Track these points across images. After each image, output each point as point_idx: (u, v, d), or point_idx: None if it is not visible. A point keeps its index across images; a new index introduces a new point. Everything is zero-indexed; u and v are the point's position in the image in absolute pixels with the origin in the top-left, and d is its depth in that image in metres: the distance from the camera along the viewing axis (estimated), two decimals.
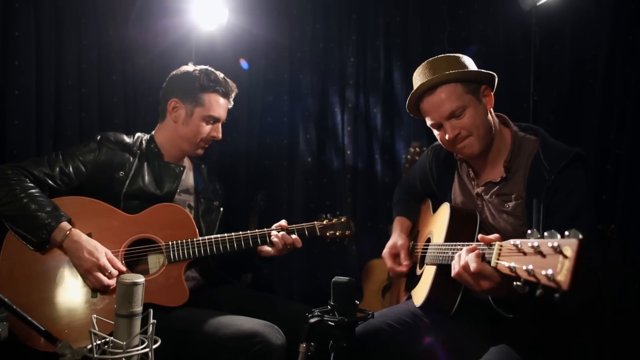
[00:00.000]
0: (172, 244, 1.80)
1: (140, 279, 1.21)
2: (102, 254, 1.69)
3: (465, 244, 1.37)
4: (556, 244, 0.94)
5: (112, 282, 1.68)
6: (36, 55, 2.32)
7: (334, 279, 1.35)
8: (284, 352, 1.63)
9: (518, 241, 1.08)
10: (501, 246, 1.17)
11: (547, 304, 0.97)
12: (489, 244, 1.22)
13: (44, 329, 1.23)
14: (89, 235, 1.72)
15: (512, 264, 1.06)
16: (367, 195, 2.92)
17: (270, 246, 1.93)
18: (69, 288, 1.68)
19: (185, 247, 1.81)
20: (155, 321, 1.22)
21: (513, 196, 1.56)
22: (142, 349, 1.20)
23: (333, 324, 1.30)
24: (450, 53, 1.65)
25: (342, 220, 2.06)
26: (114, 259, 1.71)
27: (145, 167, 1.94)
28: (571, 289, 0.90)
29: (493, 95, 1.62)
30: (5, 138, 2.28)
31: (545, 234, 0.99)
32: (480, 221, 1.59)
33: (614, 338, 2.39)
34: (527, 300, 1.08)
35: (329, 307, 1.34)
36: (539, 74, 2.52)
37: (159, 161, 1.97)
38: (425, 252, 1.71)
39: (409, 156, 2.64)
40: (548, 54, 2.71)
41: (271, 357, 1.59)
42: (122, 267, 1.72)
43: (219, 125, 2.03)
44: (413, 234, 2.00)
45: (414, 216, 2.03)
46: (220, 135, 2.03)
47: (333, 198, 2.90)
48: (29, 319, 1.23)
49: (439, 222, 1.72)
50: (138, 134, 2.02)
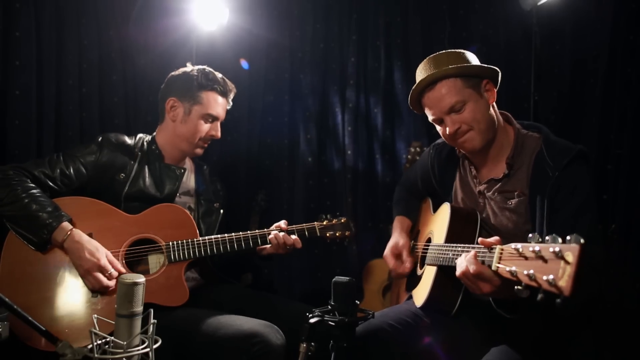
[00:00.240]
0: (173, 244, 1.80)
1: (141, 278, 1.21)
2: (103, 254, 1.69)
3: (466, 246, 1.37)
4: (557, 249, 0.93)
5: (111, 284, 1.68)
6: (37, 56, 2.32)
7: (334, 279, 1.35)
8: (284, 352, 1.63)
9: (519, 245, 1.07)
10: (502, 250, 1.16)
11: (548, 307, 0.97)
12: (490, 248, 1.22)
13: (44, 328, 1.23)
14: (90, 236, 1.73)
15: (513, 268, 1.06)
16: (368, 195, 2.92)
17: (269, 246, 1.93)
18: (70, 288, 1.68)
19: (185, 247, 1.81)
20: (155, 321, 1.23)
21: (516, 193, 1.56)
22: (142, 348, 1.20)
23: (333, 324, 1.30)
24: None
25: (342, 220, 2.05)
26: (114, 261, 1.71)
27: (146, 169, 1.94)
28: (572, 295, 0.90)
29: (496, 90, 1.62)
30: (6, 138, 2.28)
31: (547, 238, 0.98)
32: (481, 220, 1.59)
33: (614, 338, 2.38)
34: (527, 302, 1.08)
35: (329, 307, 1.34)
36: (539, 74, 2.52)
37: (160, 163, 1.97)
38: (426, 253, 1.71)
39: (409, 156, 2.64)
40: (549, 53, 2.71)
41: (271, 357, 1.59)
42: (122, 269, 1.72)
43: (218, 124, 2.02)
44: (413, 234, 2.00)
45: (414, 215, 2.03)
46: (219, 134, 2.02)
47: (333, 198, 2.90)
48: (30, 318, 1.23)
49: (439, 222, 1.72)
50: (140, 135, 2.02)
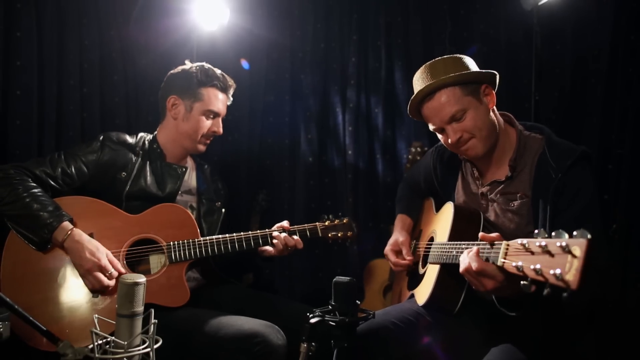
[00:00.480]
0: (174, 244, 1.80)
1: (142, 278, 1.21)
2: (104, 254, 1.69)
3: (469, 243, 1.37)
4: (564, 243, 0.94)
5: (112, 283, 1.68)
6: (38, 56, 2.32)
7: (335, 279, 1.35)
8: (285, 352, 1.63)
9: (525, 240, 1.08)
10: (508, 245, 1.17)
11: (552, 303, 0.97)
12: (492, 243, 1.22)
13: (45, 328, 1.23)
14: (91, 235, 1.73)
15: (520, 263, 1.06)
16: (369, 195, 2.92)
17: (271, 247, 1.93)
18: (71, 288, 1.68)
19: (186, 247, 1.81)
20: (156, 321, 1.23)
21: (518, 195, 1.56)
22: (143, 348, 1.20)
23: (334, 324, 1.30)
24: (452, 53, 1.64)
25: (344, 221, 2.05)
26: (114, 260, 1.71)
27: (148, 167, 1.94)
28: (579, 289, 0.90)
29: (495, 93, 1.62)
30: (7, 138, 2.28)
31: (553, 233, 0.99)
32: (484, 221, 1.59)
33: (616, 338, 2.38)
34: (531, 299, 1.08)
35: (330, 307, 1.33)
36: (540, 74, 2.52)
37: (162, 162, 1.97)
38: (429, 251, 1.71)
39: (410, 156, 2.64)
40: (549, 53, 2.71)
41: (272, 357, 1.59)
42: (122, 269, 1.72)
43: (219, 120, 2.02)
44: (415, 233, 2.00)
45: (416, 214, 2.04)
46: (221, 130, 2.03)
47: (334, 198, 2.90)
48: (31, 318, 1.23)
49: (442, 221, 1.72)
50: (141, 134, 2.02)
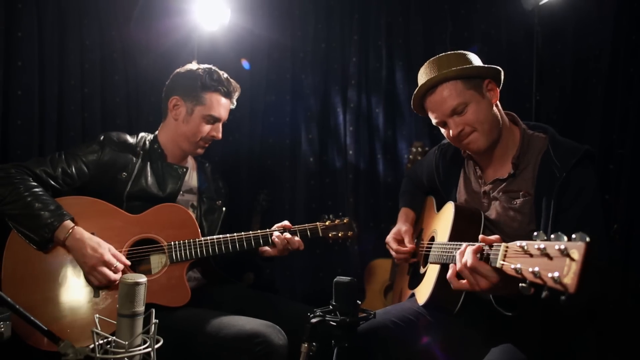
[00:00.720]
0: (175, 244, 1.80)
1: (143, 278, 1.21)
2: (106, 249, 1.69)
3: (469, 243, 1.37)
4: (563, 246, 0.94)
5: (118, 277, 1.67)
6: (39, 56, 2.32)
7: (335, 279, 1.35)
8: (286, 353, 1.63)
9: (524, 243, 1.07)
10: (507, 247, 1.16)
11: (549, 306, 0.97)
12: (490, 245, 1.22)
13: (46, 328, 1.23)
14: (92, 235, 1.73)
15: (518, 266, 1.06)
16: (369, 195, 2.92)
17: (272, 247, 1.93)
18: (72, 288, 1.69)
19: (187, 247, 1.81)
20: (157, 321, 1.23)
21: (521, 193, 1.56)
22: (144, 348, 1.20)
23: (335, 324, 1.30)
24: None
25: (345, 221, 2.05)
26: (118, 254, 1.71)
27: (148, 167, 1.94)
28: (577, 292, 0.90)
29: (498, 89, 1.62)
30: (8, 138, 2.28)
31: (552, 236, 0.99)
32: (485, 220, 1.59)
33: (616, 338, 2.38)
34: (527, 299, 1.08)
35: (330, 307, 1.33)
36: (541, 74, 2.52)
37: (162, 162, 1.97)
38: (429, 251, 1.71)
39: (411, 156, 2.64)
40: (550, 53, 2.70)
41: (273, 357, 1.59)
42: (127, 262, 1.72)
43: (219, 125, 2.02)
44: (416, 232, 2.00)
45: (419, 208, 2.05)
46: (220, 135, 2.02)
47: (335, 198, 2.90)
48: (32, 318, 1.23)
49: (443, 220, 1.72)
50: (142, 134, 2.02)
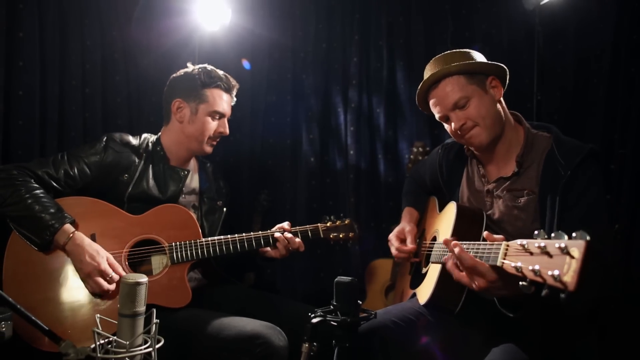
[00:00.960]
0: (176, 245, 1.80)
1: (144, 278, 1.21)
2: (104, 258, 1.68)
3: (471, 243, 1.37)
4: (563, 244, 0.94)
5: (112, 287, 1.67)
6: (40, 56, 2.32)
7: (336, 279, 1.35)
8: (287, 354, 1.63)
9: (525, 241, 1.08)
10: (507, 246, 1.16)
11: (552, 304, 0.97)
12: (492, 243, 1.22)
13: (47, 328, 1.23)
14: (93, 236, 1.73)
15: (519, 264, 1.06)
16: (370, 195, 2.92)
17: (273, 248, 1.93)
18: (73, 288, 1.69)
19: (188, 248, 1.81)
20: (158, 321, 1.23)
21: (525, 192, 1.56)
22: (145, 348, 1.20)
23: (335, 324, 1.30)
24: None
25: (346, 222, 2.05)
26: (115, 264, 1.71)
27: (150, 170, 1.94)
28: (577, 290, 0.90)
29: (502, 87, 1.62)
30: (10, 138, 2.28)
31: (553, 234, 0.99)
32: (488, 219, 1.59)
33: (618, 338, 2.37)
34: (531, 300, 1.08)
35: (331, 307, 1.33)
36: (542, 74, 2.51)
37: (165, 165, 1.97)
38: (431, 251, 1.72)
39: (412, 156, 2.64)
40: (551, 53, 2.70)
41: (273, 358, 1.59)
42: (123, 272, 1.72)
43: (225, 120, 2.02)
44: (419, 232, 2.00)
45: (422, 208, 2.05)
46: (227, 130, 2.02)
47: (336, 198, 2.90)
48: (33, 318, 1.23)
49: (445, 221, 1.72)
50: (145, 135, 2.02)
